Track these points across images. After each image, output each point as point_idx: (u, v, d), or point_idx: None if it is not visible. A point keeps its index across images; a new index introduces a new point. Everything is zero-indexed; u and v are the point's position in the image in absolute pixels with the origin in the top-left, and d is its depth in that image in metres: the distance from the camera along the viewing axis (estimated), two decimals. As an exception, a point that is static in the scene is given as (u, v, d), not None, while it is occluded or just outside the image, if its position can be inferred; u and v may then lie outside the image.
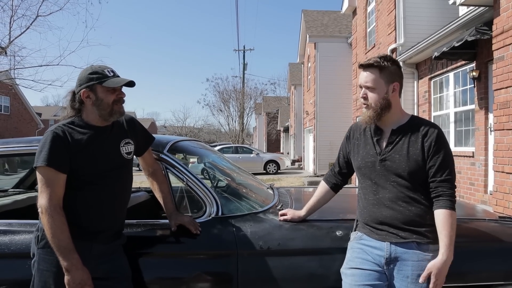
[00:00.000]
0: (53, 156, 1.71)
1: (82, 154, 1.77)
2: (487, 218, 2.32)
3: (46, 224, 1.67)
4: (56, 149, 1.72)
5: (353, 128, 1.94)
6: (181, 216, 2.05)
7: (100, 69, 1.83)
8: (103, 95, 1.81)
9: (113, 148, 1.89)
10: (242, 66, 32.59)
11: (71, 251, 1.68)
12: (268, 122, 38.36)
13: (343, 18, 16.42)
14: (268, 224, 2.09)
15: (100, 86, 1.80)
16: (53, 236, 1.66)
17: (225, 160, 3.24)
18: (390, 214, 1.71)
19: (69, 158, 1.74)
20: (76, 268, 1.67)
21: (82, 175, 1.77)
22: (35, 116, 29.62)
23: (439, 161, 1.66)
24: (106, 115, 1.84)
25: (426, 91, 7.90)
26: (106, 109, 1.82)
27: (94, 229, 1.81)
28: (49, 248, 1.71)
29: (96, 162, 1.80)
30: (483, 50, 5.91)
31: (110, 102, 1.82)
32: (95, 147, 1.81)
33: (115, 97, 1.83)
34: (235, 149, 19.93)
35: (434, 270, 1.59)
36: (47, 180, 1.70)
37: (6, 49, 11.09)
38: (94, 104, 1.82)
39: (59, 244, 1.67)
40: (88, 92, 1.80)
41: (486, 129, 5.98)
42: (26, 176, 3.54)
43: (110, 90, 1.82)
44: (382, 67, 1.72)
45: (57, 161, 1.71)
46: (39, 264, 1.75)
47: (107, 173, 1.83)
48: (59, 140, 1.74)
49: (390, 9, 8.80)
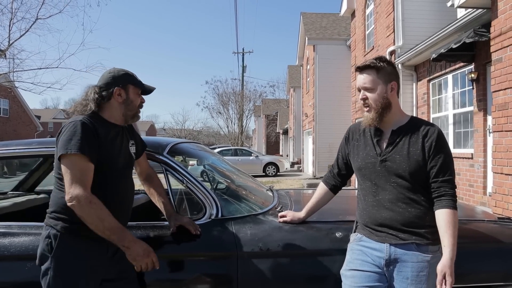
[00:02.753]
0: (85, 144, 1.67)
1: (106, 148, 1.77)
2: (486, 219, 2.32)
3: (89, 213, 1.63)
4: (87, 138, 1.69)
5: (352, 129, 1.94)
6: (181, 217, 2.05)
7: (130, 72, 1.92)
8: (133, 96, 1.89)
9: (127, 147, 1.94)
10: (241, 68, 32.62)
11: (123, 229, 1.70)
12: (267, 124, 38.38)
13: (341, 21, 16.47)
14: (268, 226, 2.09)
15: (133, 87, 1.88)
16: (102, 221, 1.64)
17: (224, 162, 3.25)
18: (389, 216, 1.71)
19: (98, 148, 1.73)
20: (135, 242, 1.71)
21: (102, 171, 1.74)
22: (34, 118, 29.59)
23: (440, 162, 1.67)
24: (130, 116, 1.91)
25: (425, 93, 7.92)
26: (133, 110, 1.90)
27: None
28: (66, 255, 1.70)
29: (116, 158, 1.83)
30: (481, 52, 5.93)
31: (137, 104, 1.91)
32: (117, 144, 1.85)
33: (140, 101, 1.93)
34: (235, 152, 19.93)
35: (447, 270, 1.57)
36: (79, 168, 1.65)
37: (5, 51, 11.09)
38: (123, 103, 1.87)
39: (111, 227, 1.66)
40: (120, 90, 1.85)
41: (485, 130, 5.99)
42: (26, 178, 3.54)
43: (138, 93, 1.91)
44: (379, 68, 1.74)
45: (89, 150, 1.68)
46: (56, 271, 1.69)
47: (122, 171, 1.87)
48: (89, 129, 1.71)
49: (389, 12, 8.83)
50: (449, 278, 1.58)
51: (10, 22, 11.39)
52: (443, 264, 1.59)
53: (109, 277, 1.80)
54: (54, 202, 1.78)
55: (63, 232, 1.72)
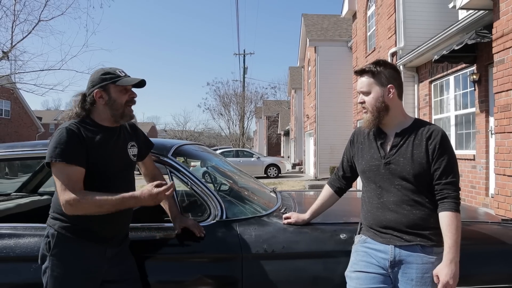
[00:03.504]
0: (70, 151, 1.68)
1: (96, 152, 1.76)
2: (490, 221, 2.32)
3: (85, 209, 1.66)
4: (72, 144, 1.70)
5: (357, 132, 1.96)
6: (185, 219, 2.06)
7: (112, 70, 1.85)
8: (116, 95, 1.82)
9: (123, 149, 1.91)
10: (243, 70, 32.70)
11: (123, 199, 1.69)
12: (268, 126, 38.37)
13: (343, 22, 16.48)
14: (272, 228, 2.09)
15: (113, 85, 1.81)
16: (101, 206, 1.67)
17: (227, 164, 3.26)
18: (394, 218, 1.72)
19: (86, 153, 1.73)
20: (138, 198, 1.70)
21: (94, 173, 1.75)
22: (35, 120, 29.66)
23: (444, 164, 1.67)
24: (118, 115, 1.84)
25: (426, 94, 7.92)
26: (119, 109, 1.83)
27: (107, 233, 1.82)
28: (63, 254, 1.73)
29: (109, 161, 1.81)
30: (483, 53, 5.93)
31: (123, 103, 1.83)
32: (109, 147, 1.82)
33: (127, 98, 1.85)
34: (236, 153, 19.93)
35: (440, 272, 1.60)
36: (66, 174, 1.67)
37: (8, 53, 11.13)
38: (107, 104, 1.82)
39: (112, 204, 1.68)
40: (101, 92, 1.81)
41: (487, 132, 5.99)
42: (29, 180, 3.55)
43: (123, 91, 1.83)
44: (374, 72, 1.77)
45: (75, 156, 1.69)
46: (53, 271, 1.73)
47: (118, 173, 1.84)
48: (74, 135, 1.72)
49: (390, 13, 8.84)
50: (442, 281, 1.58)
51: (12, 24, 11.43)
52: (439, 268, 1.61)
53: (110, 278, 1.81)
54: (53, 203, 1.82)
55: (60, 232, 1.75)
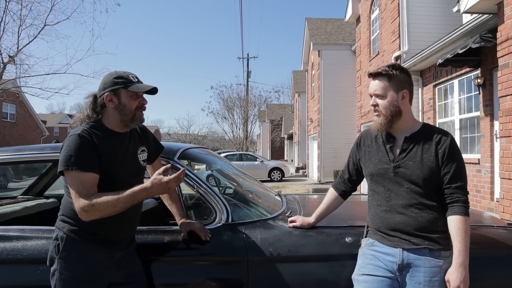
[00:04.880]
0: (84, 159, 1.67)
1: (107, 160, 1.75)
2: (496, 225, 2.32)
3: (99, 212, 1.64)
4: (85, 151, 1.69)
5: (364, 135, 1.95)
6: (191, 222, 2.07)
7: (125, 74, 1.82)
8: (126, 100, 1.80)
9: (133, 155, 1.89)
10: (246, 73, 32.74)
11: (133, 193, 1.65)
12: (272, 129, 38.40)
13: (346, 26, 16.51)
14: (278, 231, 2.10)
15: (124, 90, 1.79)
16: (115, 206, 1.64)
17: (232, 167, 3.27)
18: (403, 221, 1.72)
19: (100, 158, 1.72)
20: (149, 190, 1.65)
21: (105, 179, 1.74)
22: (40, 123, 29.80)
23: (453, 168, 1.68)
24: (128, 120, 1.82)
25: (430, 98, 7.91)
26: (128, 114, 1.81)
27: (115, 236, 1.83)
28: (71, 257, 1.73)
29: (120, 168, 1.80)
30: (488, 57, 5.92)
31: (133, 108, 1.81)
32: (120, 154, 1.81)
33: (137, 103, 1.82)
34: (240, 157, 19.96)
35: (450, 277, 1.62)
36: (81, 182, 1.66)
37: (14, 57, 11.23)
38: (116, 109, 1.80)
39: (124, 202, 1.64)
40: (111, 95, 1.79)
41: (492, 136, 5.97)
42: (35, 183, 3.58)
43: (133, 96, 1.81)
44: (391, 76, 1.75)
45: (89, 163, 1.67)
46: (62, 274, 1.73)
47: (128, 179, 1.80)
48: (86, 142, 1.71)
49: (394, 17, 8.85)
50: (461, 284, 1.59)
51: (19, 29, 11.55)
52: (449, 272, 1.63)
53: (115, 281, 1.82)
54: (63, 206, 1.82)
55: (69, 235, 1.76)
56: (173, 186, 1.67)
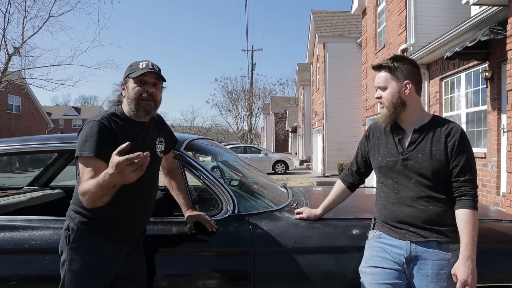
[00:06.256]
0: (100, 145, 1.63)
1: None
2: (504, 219, 2.30)
3: (90, 197, 1.53)
4: (103, 138, 1.65)
5: (373, 127, 1.94)
6: (198, 214, 2.06)
7: (135, 62, 1.80)
8: (131, 88, 1.77)
9: (151, 145, 1.86)
10: (251, 66, 32.66)
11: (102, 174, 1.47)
12: (276, 122, 38.35)
13: (352, 18, 16.37)
14: (284, 222, 2.09)
15: (131, 79, 1.77)
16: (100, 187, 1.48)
17: (238, 159, 3.26)
18: (411, 213, 1.71)
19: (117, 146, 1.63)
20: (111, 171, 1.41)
21: None
22: (45, 115, 29.94)
23: (463, 161, 1.67)
24: (134, 109, 1.77)
25: (437, 92, 7.84)
26: (132, 103, 1.77)
27: (126, 231, 1.82)
28: (81, 249, 1.73)
29: None
30: (496, 50, 5.85)
31: (136, 96, 1.75)
32: (138, 143, 1.74)
33: (141, 91, 1.75)
34: (244, 149, 19.96)
35: (457, 270, 1.61)
36: (94, 169, 1.59)
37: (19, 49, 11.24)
38: (127, 98, 1.80)
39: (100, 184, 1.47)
40: (123, 85, 1.82)
41: (499, 130, 5.92)
42: (41, 174, 3.59)
43: (138, 84, 1.76)
44: (391, 68, 1.76)
45: (105, 150, 1.58)
46: (71, 264, 1.74)
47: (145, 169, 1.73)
48: (105, 129, 1.68)
49: (401, 9, 8.75)
50: (469, 278, 1.58)
51: (23, 20, 11.56)
52: (456, 265, 1.62)
53: (122, 275, 1.82)
54: (74, 195, 1.80)
55: (80, 227, 1.75)
56: (126, 170, 1.40)
